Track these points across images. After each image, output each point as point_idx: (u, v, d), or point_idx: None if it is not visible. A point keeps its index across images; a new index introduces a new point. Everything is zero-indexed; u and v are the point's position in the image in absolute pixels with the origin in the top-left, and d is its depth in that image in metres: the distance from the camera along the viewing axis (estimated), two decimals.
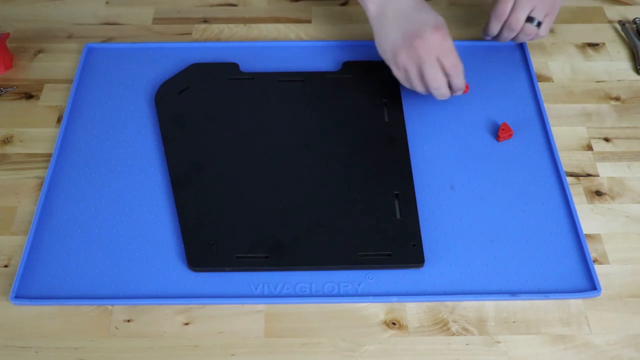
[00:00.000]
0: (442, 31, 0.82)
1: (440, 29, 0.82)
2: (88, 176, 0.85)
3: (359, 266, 0.77)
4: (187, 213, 0.81)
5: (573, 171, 0.87)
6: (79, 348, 0.72)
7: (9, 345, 0.72)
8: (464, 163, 0.87)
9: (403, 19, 0.84)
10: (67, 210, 0.82)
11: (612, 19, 1.07)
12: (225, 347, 0.72)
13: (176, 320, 0.74)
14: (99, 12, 1.07)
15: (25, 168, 0.87)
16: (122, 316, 0.74)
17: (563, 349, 0.72)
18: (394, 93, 0.93)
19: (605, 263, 0.79)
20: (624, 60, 1.01)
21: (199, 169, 0.85)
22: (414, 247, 0.78)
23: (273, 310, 0.75)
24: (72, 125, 0.90)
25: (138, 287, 0.76)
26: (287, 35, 1.04)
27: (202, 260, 0.77)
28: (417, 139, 0.89)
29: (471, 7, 1.09)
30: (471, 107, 0.93)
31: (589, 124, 0.93)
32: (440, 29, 0.82)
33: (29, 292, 0.75)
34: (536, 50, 1.02)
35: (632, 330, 0.74)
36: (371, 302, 0.75)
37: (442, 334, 0.73)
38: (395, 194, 0.82)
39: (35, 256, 0.78)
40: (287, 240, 0.79)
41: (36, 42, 1.02)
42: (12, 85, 0.97)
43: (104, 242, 0.79)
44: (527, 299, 0.75)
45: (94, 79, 0.96)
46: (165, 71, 0.96)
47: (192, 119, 0.91)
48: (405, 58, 0.83)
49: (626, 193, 0.85)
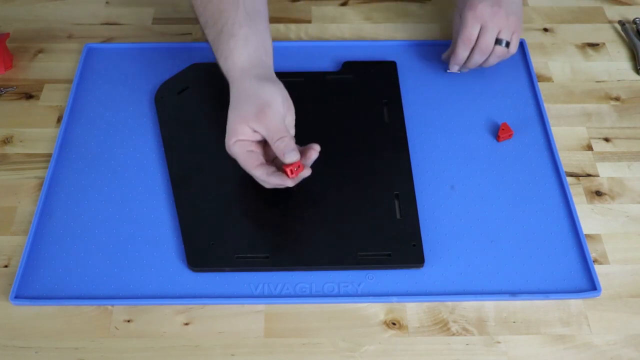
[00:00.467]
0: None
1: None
2: (88, 176, 0.85)
3: (359, 266, 0.77)
4: (187, 213, 0.81)
5: (573, 171, 0.87)
6: (79, 348, 0.72)
7: (9, 346, 0.72)
8: (464, 163, 0.87)
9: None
10: (67, 210, 0.82)
11: (612, 19, 1.07)
12: (225, 347, 0.72)
13: (176, 320, 0.74)
14: (99, 12, 1.07)
15: (25, 168, 0.87)
16: (122, 316, 0.74)
17: (563, 349, 0.72)
18: (394, 93, 0.93)
19: (605, 263, 0.79)
20: (624, 60, 1.01)
21: (199, 169, 0.85)
22: (414, 247, 0.78)
23: (273, 310, 0.75)
24: (72, 125, 0.90)
25: (138, 287, 0.76)
26: (287, 35, 1.04)
27: (202, 260, 0.77)
28: (417, 139, 0.89)
29: None
30: (471, 107, 0.93)
31: (589, 124, 0.93)
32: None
33: (29, 292, 0.75)
34: (536, 50, 1.02)
35: (632, 330, 0.74)
36: (371, 302, 0.75)
37: (442, 334, 0.73)
38: (395, 194, 0.82)
39: (35, 256, 0.78)
40: (287, 240, 0.79)
41: (36, 42, 1.02)
42: (12, 85, 0.97)
43: (104, 242, 0.79)
44: (527, 299, 0.75)
45: (94, 79, 0.96)
46: (165, 71, 0.96)
47: (192, 119, 0.91)
48: None
49: (626, 193, 0.85)
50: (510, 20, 0.89)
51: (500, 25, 0.88)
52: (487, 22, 0.88)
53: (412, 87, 0.95)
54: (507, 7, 0.89)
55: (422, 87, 0.95)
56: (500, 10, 0.88)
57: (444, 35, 1.03)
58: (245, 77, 0.79)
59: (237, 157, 0.78)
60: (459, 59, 0.91)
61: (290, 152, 0.75)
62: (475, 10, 0.88)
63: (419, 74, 0.96)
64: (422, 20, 1.05)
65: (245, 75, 0.79)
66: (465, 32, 0.89)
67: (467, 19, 0.89)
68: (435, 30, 1.04)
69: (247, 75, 0.79)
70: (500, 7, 0.88)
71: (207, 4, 0.82)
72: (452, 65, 0.93)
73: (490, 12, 0.88)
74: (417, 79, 0.96)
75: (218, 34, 0.80)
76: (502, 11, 0.88)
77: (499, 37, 0.89)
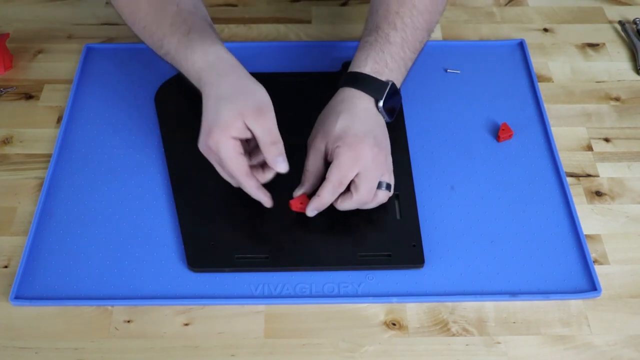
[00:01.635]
0: None
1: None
2: (88, 176, 0.85)
3: (359, 267, 0.77)
4: (187, 213, 0.81)
5: (573, 171, 0.87)
6: (79, 349, 0.72)
7: (9, 346, 0.72)
8: (464, 163, 0.87)
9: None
10: (67, 210, 0.82)
11: (612, 19, 1.07)
12: (225, 348, 0.72)
13: (176, 320, 0.74)
14: (99, 12, 1.07)
15: (25, 168, 0.87)
16: (122, 317, 0.74)
17: (563, 349, 0.72)
18: None
19: (605, 263, 0.79)
20: (624, 60, 1.01)
21: (199, 169, 0.85)
22: (414, 247, 0.78)
23: (273, 310, 0.75)
24: (72, 126, 0.90)
25: (138, 287, 0.76)
26: (287, 35, 1.04)
27: (202, 260, 0.77)
28: (417, 140, 0.89)
29: (471, 8, 1.09)
30: (471, 107, 0.93)
31: (589, 124, 0.93)
32: None
33: (29, 292, 0.75)
34: (536, 50, 1.02)
35: (632, 330, 0.74)
36: (371, 303, 0.75)
37: (442, 334, 0.73)
38: (395, 195, 0.82)
39: (35, 256, 0.78)
40: (287, 241, 0.79)
41: (36, 42, 1.02)
42: (12, 86, 0.97)
43: (104, 243, 0.79)
44: (527, 299, 0.75)
45: (94, 79, 0.96)
46: (165, 71, 0.96)
47: (192, 119, 0.91)
48: None
49: (626, 193, 0.85)
50: (389, 161, 0.78)
51: (382, 169, 0.76)
52: (369, 167, 0.74)
53: (412, 88, 0.95)
54: (385, 148, 0.77)
55: (422, 87, 0.95)
56: (381, 153, 0.75)
57: (444, 35, 1.04)
58: (237, 70, 0.74)
59: (224, 158, 0.71)
60: (324, 203, 0.76)
61: (283, 160, 0.72)
62: (356, 152, 0.73)
63: (419, 74, 0.96)
64: None
65: (237, 69, 0.75)
66: (339, 174, 0.74)
67: (343, 159, 0.73)
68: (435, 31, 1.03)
69: (239, 69, 0.75)
70: (380, 149, 0.75)
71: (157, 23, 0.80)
72: (311, 210, 0.76)
73: (371, 155, 0.74)
74: (417, 79, 0.96)
75: (185, 35, 0.77)
76: (382, 153, 0.76)
77: (380, 180, 0.76)
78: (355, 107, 0.78)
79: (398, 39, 0.80)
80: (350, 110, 0.77)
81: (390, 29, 0.80)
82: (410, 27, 0.81)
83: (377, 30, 0.81)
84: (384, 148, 0.77)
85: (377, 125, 0.78)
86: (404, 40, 0.80)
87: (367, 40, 0.81)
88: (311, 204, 0.76)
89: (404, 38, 0.80)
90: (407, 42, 0.80)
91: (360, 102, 0.78)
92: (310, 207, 0.76)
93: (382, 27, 0.81)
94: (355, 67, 0.80)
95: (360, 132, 0.75)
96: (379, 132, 0.77)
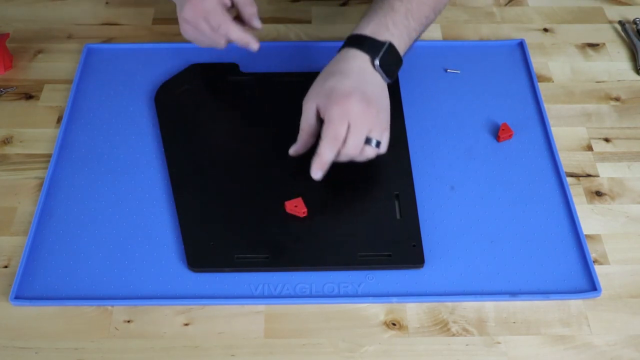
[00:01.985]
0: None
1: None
2: (88, 176, 0.85)
3: (359, 267, 0.77)
4: (187, 213, 0.81)
5: (573, 171, 0.87)
6: (79, 349, 0.72)
7: (9, 346, 0.72)
8: (464, 163, 0.87)
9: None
10: (67, 210, 0.82)
11: (612, 19, 1.07)
12: (225, 348, 0.72)
13: (176, 320, 0.74)
14: (99, 12, 1.07)
15: (25, 168, 0.87)
16: (122, 317, 0.74)
17: (563, 349, 0.72)
18: (395, 93, 0.93)
19: (605, 263, 0.79)
20: (624, 60, 1.01)
21: (198, 169, 0.85)
22: (414, 247, 0.78)
23: (273, 310, 0.75)
24: (72, 126, 0.90)
25: (138, 287, 0.76)
26: (287, 35, 1.04)
27: (202, 260, 0.77)
28: (417, 140, 0.89)
29: (471, 8, 1.09)
30: (471, 107, 0.93)
31: (589, 124, 0.93)
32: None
33: (29, 292, 0.75)
34: (536, 50, 1.02)
35: (632, 330, 0.74)
36: (371, 303, 0.75)
37: (442, 334, 0.73)
38: (395, 195, 0.82)
39: (35, 256, 0.78)
40: (287, 241, 0.79)
41: (36, 42, 1.02)
42: (12, 86, 0.97)
43: (104, 243, 0.79)
44: (527, 299, 0.75)
45: (94, 79, 0.96)
46: (165, 71, 0.96)
47: (192, 119, 0.91)
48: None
49: (626, 193, 0.85)
50: (381, 118, 0.79)
51: (370, 124, 0.77)
52: (356, 121, 0.76)
53: (412, 88, 0.95)
54: (378, 104, 0.78)
55: (422, 87, 0.95)
56: (370, 108, 0.77)
57: (444, 35, 1.04)
58: None
59: (210, 10, 0.81)
60: (325, 161, 0.78)
61: (257, 18, 0.85)
62: (343, 106, 0.76)
63: (419, 74, 0.96)
64: None
65: None
66: (332, 130, 0.76)
67: (333, 115, 0.76)
68: (435, 30, 1.04)
69: None
70: (369, 105, 0.77)
71: None
72: (315, 170, 0.79)
73: (359, 110, 0.76)
74: (417, 79, 0.96)
75: None
76: (373, 109, 0.77)
77: (369, 136, 0.78)
78: (349, 66, 0.79)
79: (402, 8, 0.82)
80: (343, 71, 0.79)
81: (396, 0, 0.82)
82: (415, 0, 0.83)
83: (383, 0, 0.83)
84: (375, 104, 0.78)
85: (370, 83, 0.79)
86: (408, 11, 0.82)
87: (372, 8, 0.84)
88: (314, 164, 0.79)
89: (409, 8, 0.82)
90: (411, 12, 0.82)
91: (355, 61, 0.79)
92: (313, 167, 0.79)
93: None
94: (356, 30, 0.82)
95: (348, 88, 0.77)
96: (370, 89, 0.78)
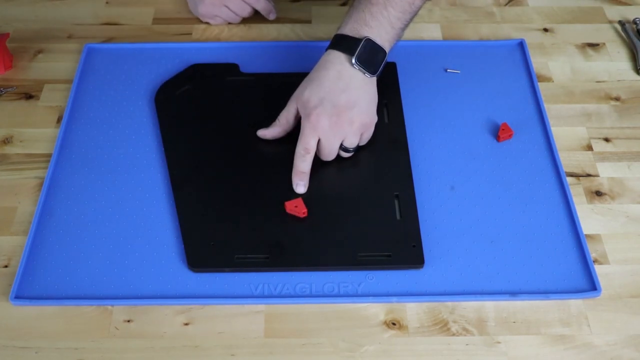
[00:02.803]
0: None
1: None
2: (88, 176, 0.85)
3: (359, 267, 0.77)
4: (187, 213, 0.81)
5: (573, 171, 0.87)
6: (79, 348, 0.72)
7: (9, 346, 0.72)
8: (464, 163, 0.87)
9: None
10: (67, 210, 0.82)
11: (612, 19, 1.07)
12: (225, 348, 0.72)
13: (176, 320, 0.74)
14: (99, 12, 1.07)
15: (25, 168, 0.87)
16: (122, 316, 0.74)
17: (563, 349, 0.72)
18: (394, 94, 0.93)
19: (605, 263, 0.79)
20: (624, 60, 1.01)
21: (199, 169, 0.85)
22: (414, 247, 0.78)
23: (273, 310, 0.75)
24: (72, 126, 0.90)
25: (138, 287, 0.76)
26: (287, 35, 1.04)
27: (202, 260, 0.77)
28: (417, 140, 0.89)
29: (471, 8, 1.09)
30: (471, 107, 0.93)
31: (589, 124, 0.93)
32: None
33: (29, 292, 0.75)
34: (536, 50, 1.02)
35: (632, 330, 0.74)
36: (371, 303, 0.75)
37: (442, 334, 0.73)
38: (395, 195, 0.82)
39: (35, 256, 0.78)
40: (287, 241, 0.79)
41: (36, 42, 1.02)
42: (12, 86, 0.97)
43: (104, 242, 0.79)
44: (527, 299, 0.75)
45: (94, 79, 0.96)
46: (165, 71, 0.96)
47: (192, 119, 0.91)
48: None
49: (626, 193, 0.85)
50: (355, 126, 0.81)
51: (342, 134, 0.80)
52: (326, 134, 0.79)
53: (412, 88, 0.95)
54: (351, 112, 0.80)
55: (422, 88, 0.95)
56: (340, 119, 0.79)
57: (444, 35, 1.04)
58: None
59: None
60: (299, 171, 0.81)
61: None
62: (312, 122, 0.79)
63: (419, 74, 0.96)
64: (422, 21, 1.05)
65: None
66: (303, 143, 0.80)
67: (304, 128, 0.80)
68: (435, 31, 1.04)
69: None
70: (339, 115, 0.79)
71: None
72: (295, 182, 0.82)
73: (328, 124, 0.79)
74: (417, 79, 0.96)
75: None
76: (344, 118, 0.79)
77: (344, 144, 0.82)
78: (327, 70, 0.81)
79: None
80: (320, 78, 0.81)
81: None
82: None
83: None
84: (347, 113, 0.79)
85: (346, 88, 0.80)
86: (387, 0, 0.82)
87: (353, 5, 0.85)
88: (293, 178, 0.82)
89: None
90: (390, 2, 0.82)
91: (333, 65, 0.81)
92: (293, 181, 0.82)
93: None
94: (338, 30, 0.84)
95: (318, 101, 0.79)
96: (345, 97, 0.80)
